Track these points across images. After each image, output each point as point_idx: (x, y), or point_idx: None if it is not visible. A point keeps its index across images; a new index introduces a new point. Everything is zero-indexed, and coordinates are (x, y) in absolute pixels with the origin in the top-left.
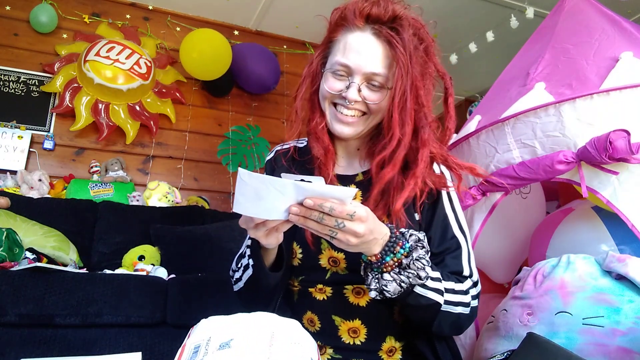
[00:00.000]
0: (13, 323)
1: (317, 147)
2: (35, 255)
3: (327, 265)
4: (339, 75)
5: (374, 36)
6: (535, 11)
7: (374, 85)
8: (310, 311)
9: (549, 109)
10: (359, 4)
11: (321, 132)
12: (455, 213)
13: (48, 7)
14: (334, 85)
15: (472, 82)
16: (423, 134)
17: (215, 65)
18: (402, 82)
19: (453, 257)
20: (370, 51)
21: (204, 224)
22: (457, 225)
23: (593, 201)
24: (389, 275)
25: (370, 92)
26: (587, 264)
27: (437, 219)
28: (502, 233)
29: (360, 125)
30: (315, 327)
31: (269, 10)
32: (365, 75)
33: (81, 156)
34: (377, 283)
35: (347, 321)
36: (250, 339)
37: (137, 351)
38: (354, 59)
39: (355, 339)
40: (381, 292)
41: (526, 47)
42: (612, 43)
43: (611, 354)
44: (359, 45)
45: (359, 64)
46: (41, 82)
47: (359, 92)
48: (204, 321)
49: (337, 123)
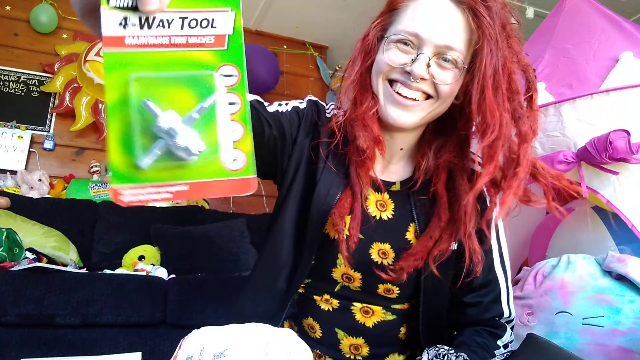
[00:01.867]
0: (13, 323)
1: (364, 137)
2: (35, 255)
3: (339, 279)
4: (404, 45)
5: (452, 2)
6: (535, 11)
7: (446, 61)
8: (312, 318)
9: (549, 109)
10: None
11: (371, 119)
12: (500, 247)
13: (48, 7)
14: (396, 58)
15: None
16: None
17: None
18: (493, 59)
19: (493, 301)
20: (448, 19)
21: (204, 224)
22: (500, 262)
23: (593, 201)
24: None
25: (441, 70)
26: (587, 264)
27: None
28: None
29: (422, 111)
30: (316, 335)
31: (269, 10)
32: (438, 48)
33: (81, 156)
34: None
35: (350, 337)
36: (245, 349)
37: (137, 351)
38: (426, 26)
39: (357, 355)
40: None
41: (526, 47)
42: (612, 43)
43: (611, 354)
44: (434, 11)
45: (432, 33)
46: (41, 82)
47: (428, 67)
48: (195, 332)
49: (393, 106)
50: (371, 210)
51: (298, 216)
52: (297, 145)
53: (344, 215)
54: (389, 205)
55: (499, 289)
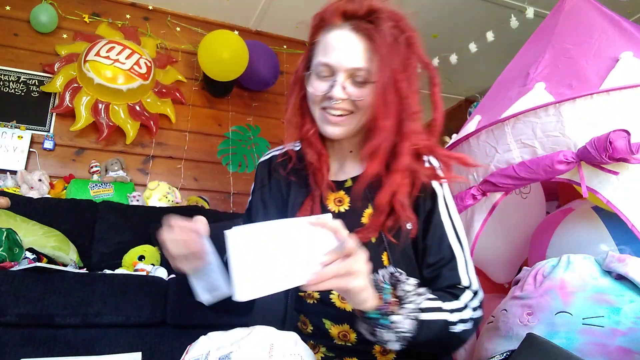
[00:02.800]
0: (13, 323)
1: (311, 152)
2: (35, 255)
3: None
4: (323, 76)
5: (352, 32)
6: (535, 11)
7: (358, 81)
8: (303, 315)
9: (549, 109)
10: (334, 3)
11: (313, 137)
12: (451, 219)
13: (48, 7)
14: (318, 87)
15: (472, 82)
16: (405, 126)
17: (236, 66)
18: (382, 75)
19: (449, 269)
20: (350, 47)
21: None
22: (454, 233)
23: (593, 201)
24: (396, 316)
25: (355, 89)
26: (587, 264)
27: (433, 228)
28: (502, 233)
29: (349, 124)
30: (308, 330)
31: (269, 10)
32: (348, 72)
33: (81, 156)
34: (391, 332)
35: (337, 325)
36: (250, 351)
37: (137, 351)
38: (334, 56)
39: (347, 341)
40: (402, 337)
41: (526, 47)
42: (612, 43)
43: (611, 354)
44: (339, 43)
45: (340, 60)
46: (41, 82)
47: (344, 89)
48: (202, 338)
49: (327, 125)
50: (331, 207)
51: None
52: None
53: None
54: (345, 200)
55: (455, 260)
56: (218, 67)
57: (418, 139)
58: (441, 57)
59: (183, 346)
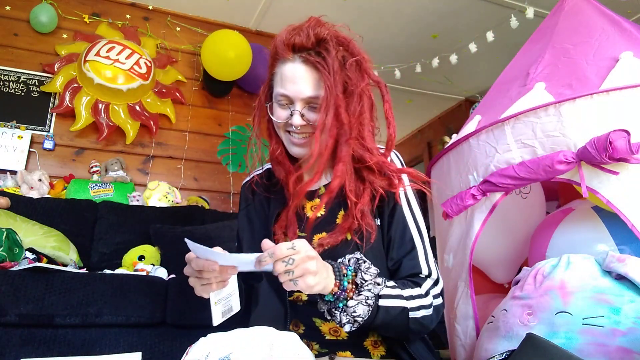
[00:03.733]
0: (13, 323)
1: (279, 170)
2: (35, 255)
3: None
4: (282, 105)
5: (303, 64)
6: (535, 11)
7: (314, 107)
8: (295, 317)
9: (549, 109)
10: (283, 36)
11: (281, 156)
12: (412, 214)
13: (48, 7)
14: (280, 114)
15: (472, 82)
16: (340, 150)
17: (240, 65)
18: (327, 103)
19: (410, 259)
20: (303, 78)
21: (204, 224)
22: (415, 225)
23: (593, 201)
24: (352, 300)
25: (312, 114)
26: (587, 264)
27: (395, 222)
28: (502, 233)
29: (312, 144)
30: (300, 330)
31: (269, 10)
32: (304, 100)
33: (81, 156)
34: (346, 315)
35: (327, 322)
36: (250, 352)
37: (137, 351)
38: (290, 88)
39: (338, 337)
40: (354, 320)
41: (526, 47)
42: (612, 43)
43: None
44: (292, 75)
45: (295, 92)
46: (41, 82)
47: (302, 116)
48: (202, 339)
49: (292, 146)
50: (309, 214)
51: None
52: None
53: (283, 227)
54: (321, 206)
55: (415, 250)
56: (223, 66)
57: (367, 156)
58: (441, 57)
59: (183, 346)
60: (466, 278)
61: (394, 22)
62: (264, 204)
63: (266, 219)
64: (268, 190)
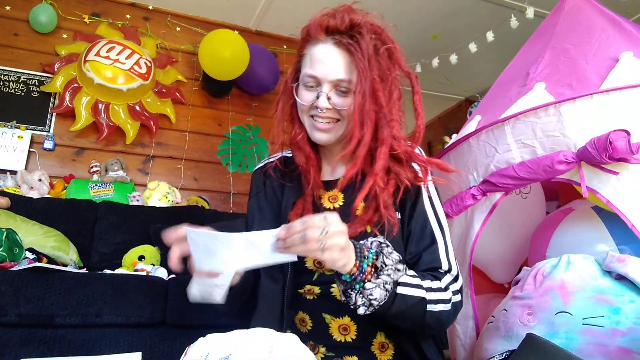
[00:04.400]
0: (13, 323)
1: (299, 156)
2: (35, 255)
3: (313, 267)
4: (309, 87)
5: (335, 46)
6: (535, 11)
7: (342, 92)
8: (302, 311)
9: (549, 109)
10: (318, 19)
11: (302, 141)
12: (434, 208)
13: (48, 7)
14: (306, 97)
15: (472, 82)
16: (381, 133)
17: (236, 65)
18: (361, 86)
19: (429, 253)
20: (333, 60)
21: (204, 224)
22: (436, 220)
23: (593, 201)
24: (370, 283)
25: (339, 98)
26: (587, 264)
27: (416, 215)
28: (502, 233)
29: (336, 131)
30: (307, 327)
31: (269, 10)
32: (332, 83)
33: (81, 156)
34: (362, 297)
35: (337, 318)
36: (249, 353)
37: (137, 351)
38: (319, 69)
39: (346, 336)
40: (369, 304)
41: (526, 47)
42: (612, 43)
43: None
44: (323, 56)
45: (325, 73)
46: (41, 82)
47: (329, 100)
48: (201, 339)
49: (315, 132)
50: (326, 205)
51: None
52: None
53: (299, 214)
54: (339, 197)
55: (436, 244)
56: (219, 65)
57: (396, 144)
58: (441, 57)
59: (183, 346)
60: (466, 278)
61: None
62: (277, 191)
63: (278, 206)
64: (283, 177)
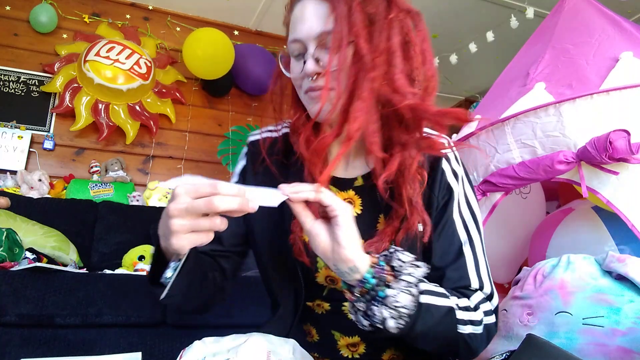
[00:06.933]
0: (13, 323)
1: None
2: (35, 255)
3: (324, 283)
4: (297, 56)
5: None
6: (535, 11)
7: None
8: (310, 323)
9: (549, 109)
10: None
11: (301, 123)
12: (461, 215)
13: (48, 7)
14: (295, 68)
15: (472, 82)
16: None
17: (218, 64)
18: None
19: (455, 269)
20: (312, 14)
21: None
22: (464, 229)
23: (593, 201)
24: (391, 290)
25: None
26: (587, 264)
27: (443, 222)
28: (502, 233)
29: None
30: (314, 339)
31: (269, 10)
32: (317, 40)
33: (81, 156)
34: (387, 308)
35: (347, 337)
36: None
37: (137, 351)
38: (300, 29)
39: (354, 353)
40: (398, 314)
41: (526, 47)
42: (612, 43)
43: (611, 354)
44: (302, 14)
45: (306, 31)
46: (41, 82)
47: (317, 62)
48: (197, 342)
49: (311, 105)
50: None
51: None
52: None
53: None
54: (356, 201)
55: (463, 258)
56: (201, 64)
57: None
58: (441, 57)
59: (183, 346)
60: None
61: None
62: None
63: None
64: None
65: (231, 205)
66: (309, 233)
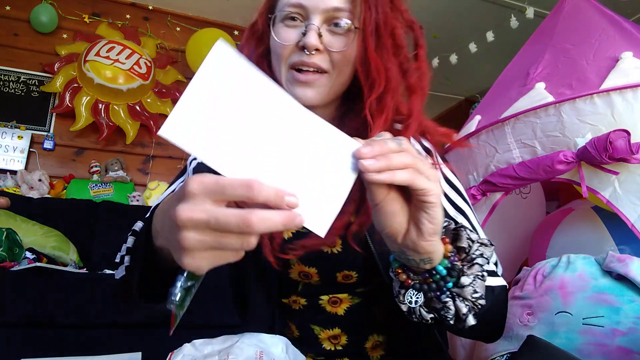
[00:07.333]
0: (13, 323)
1: None
2: (35, 255)
3: (297, 278)
4: (292, 21)
5: None
6: (535, 11)
7: (338, 27)
8: (288, 320)
9: (549, 109)
10: None
11: None
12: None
13: (48, 7)
14: (287, 35)
15: (472, 82)
16: (410, 77)
17: None
18: (372, 14)
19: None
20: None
21: None
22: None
23: (593, 201)
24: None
25: (334, 37)
26: (587, 264)
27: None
28: (502, 233)
29: (323, 86)
30: (294, 335)
31: None
32: (326, 14)
33: (81, 156)
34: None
35: (327, 330)
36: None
37: (137, 351)
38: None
39: (337, 345)
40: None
41: (526, 47)
42: (612, 43)
43: (611, 354)
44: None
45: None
46: (41, 82)
47: (320, 37)
48: (187, 345)
49: (297, 86)
50: None
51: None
52: None
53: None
54: None
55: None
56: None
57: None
58: (441, 57)
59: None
60: None
61: None
62: None
63: None
64: None
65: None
66: (378, 208)
